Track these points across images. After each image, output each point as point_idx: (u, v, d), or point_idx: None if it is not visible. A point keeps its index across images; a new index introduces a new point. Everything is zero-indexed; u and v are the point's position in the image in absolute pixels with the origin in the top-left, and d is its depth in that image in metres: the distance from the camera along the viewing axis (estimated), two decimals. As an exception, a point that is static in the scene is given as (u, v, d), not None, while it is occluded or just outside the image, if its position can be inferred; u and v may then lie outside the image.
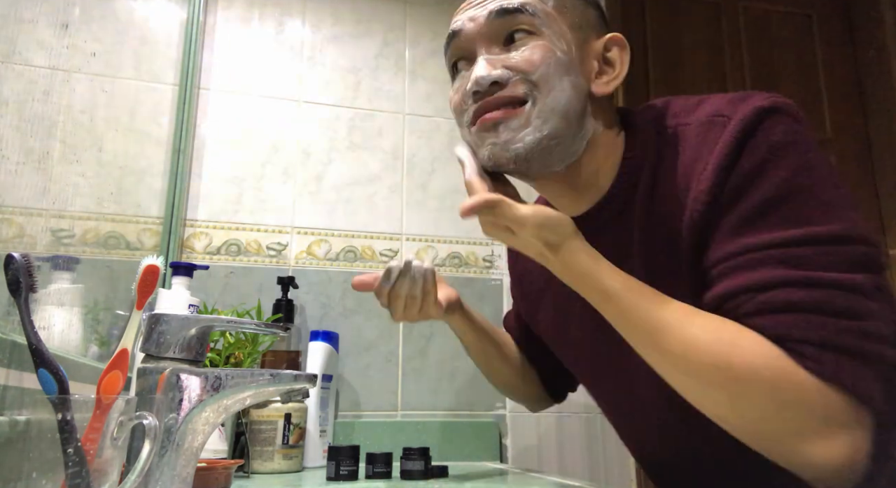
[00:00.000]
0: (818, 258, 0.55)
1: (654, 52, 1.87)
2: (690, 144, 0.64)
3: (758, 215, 0.57)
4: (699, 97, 0.70)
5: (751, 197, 0.58)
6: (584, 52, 0.68)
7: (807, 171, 0.58)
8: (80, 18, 0.89)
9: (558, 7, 0.68)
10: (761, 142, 0.59)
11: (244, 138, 1.42)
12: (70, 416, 0.45)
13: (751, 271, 0.56)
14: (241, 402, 0.56)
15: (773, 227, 0.57)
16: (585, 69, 0.68)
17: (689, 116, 0.67)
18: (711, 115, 0.64)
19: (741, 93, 0.65)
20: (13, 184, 0.66)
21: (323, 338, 1.22)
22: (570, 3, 0.69)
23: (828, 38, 2.02)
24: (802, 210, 0.57)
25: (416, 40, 1.57)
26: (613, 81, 0.69)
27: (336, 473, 0.89)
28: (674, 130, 0.67)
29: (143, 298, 0.59)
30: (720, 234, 0.59)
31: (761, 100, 0.61)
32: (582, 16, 0.69)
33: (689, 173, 0.63)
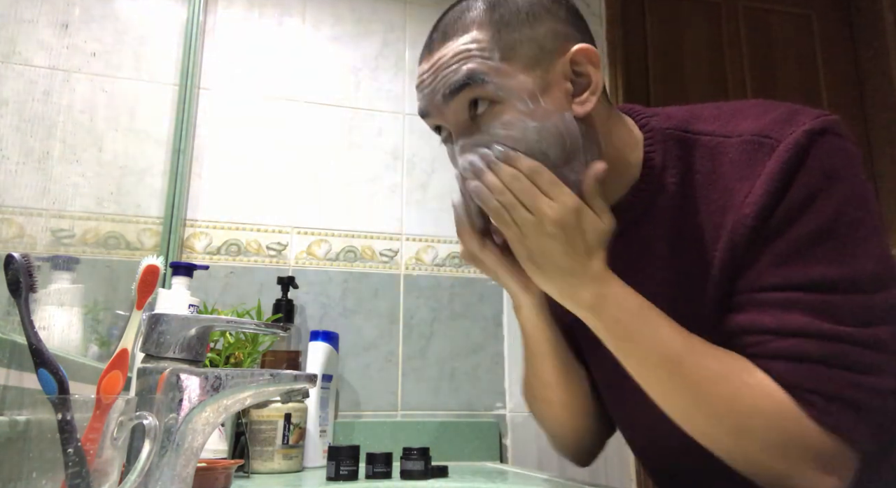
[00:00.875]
0: (847, 308, 0.56)
1: (654, 52, 1.87)
2: (732, 161, 0.63)
3: (804, 247, 0.58)
4: (731, 106, 0.68)
5: (800, 226, 0.58)
6: (551, 82, 0.64)
7: (856, 200, 0.58)
8: (80, 18, 0.89)
9: (507, 54, 0.63)
10: (814, 168, 0.58)
11: (244, 138, 1.42)
12: (70, 416, 0.45)
13: (780, 312, 0.57)
14: (241, 402, 0.56)
15: (814, 262, 0.57)
16: (558, 99, 0.63)
17: (727, 128, 0.65)
18: (757, 135, 0.62)
19: (786, 109, 0.63)
20: (13, 184, 0.66)
21: (323, 338, 1.22)
22: (518, 38, 0.63)
23: (828, 38, 2.02)
24: (845, 246, 0.57)
25: (416, 40, 1.57)
26: (591, 97, 0.65)
27: (336, 473, 0.89)
28: (709, 141, 0.65)
29: (143, 298, 0.59)
30: (764, 259, 0.59)
31: (810, 120, 0.60)
32: (535, 46, 0.63)
33: (730, 191, 0.62)
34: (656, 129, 0.69)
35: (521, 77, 0.63)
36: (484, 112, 0.63)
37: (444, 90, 0.64)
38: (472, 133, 0.64)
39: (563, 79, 0.64)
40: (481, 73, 0.62)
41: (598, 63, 0.65)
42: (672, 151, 0.67)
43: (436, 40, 0.66)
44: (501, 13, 0.64)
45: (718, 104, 0.70)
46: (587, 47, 0.64)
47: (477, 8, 0.65)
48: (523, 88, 0.62)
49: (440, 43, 0.65)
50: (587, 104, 0.64)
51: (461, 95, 0.63)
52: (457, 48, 0.63)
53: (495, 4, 0.65)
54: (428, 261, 1.45)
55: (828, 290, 0.56)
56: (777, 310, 0.57)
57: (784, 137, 0.60)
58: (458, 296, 1.43)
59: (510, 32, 0.63)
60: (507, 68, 0.62)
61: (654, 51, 1.88)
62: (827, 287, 0.56)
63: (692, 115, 0.69)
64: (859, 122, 1.97)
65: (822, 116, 0.60)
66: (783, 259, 0.58)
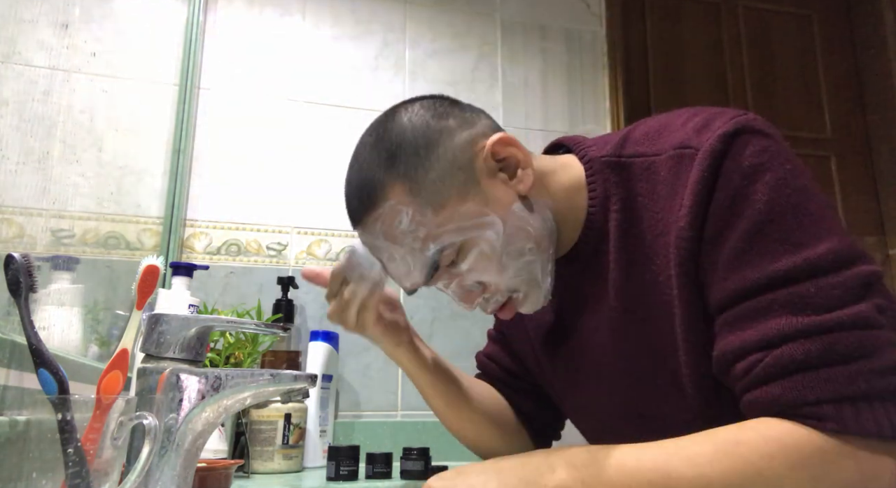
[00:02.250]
0: (821, 294, 0.54)
1: (654, 52, 1.87)
2: (662, 179, 0.63)
3: (750, 244, 0.56)
4: (659, 122, 0.67)
5: (737, 227, 0.56)
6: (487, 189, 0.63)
7: (786, 187, 0.57)
8: (80, 18, 0.89)
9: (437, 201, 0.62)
10: (732, 169, 0.57)
11: (244, 138, 1.42)
12: (70, 416, 0.45)
13: (757, 322, 0.55)
14: (241, 402, 0.56)
15: (767, 256, 0.55)
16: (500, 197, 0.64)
17: (655, 146, 0.65)
18: (679, 147, 0.62)
19: (704, 115, 0.63)
20: (13, 184, 0.67)
21: (323, 338, 1.22)
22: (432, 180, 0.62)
23: (828, 38, 2.02)
24: (793, 231, 0.55)
25: (416, 41, 1.57)
26: (527, 169, 0.65)
27: (336, 473, 0.89)
28: (641, 164, 0.65)
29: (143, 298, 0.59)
30: (717, 272, 0.57)
31: (724, 124, 0.59)
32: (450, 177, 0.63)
33: (666, 209, 0.62)
34: (594, 160, 0.68)
35: (460, 210, 0.62)
36: (458, 260, 0.64)
37: (416, 281, 0.65)
38: (455, 273, 0.65)
39: (492, 176, 0.64)
40: (441, 248, 0.63)
41: (513, 141, 0.65)
42: (611, 179, 0.67)
43: (357, 210, 0.66)
44: (405, 162, 0.63)
45: (648, 121, 0.69)
46: (494, 138, 0.64)
47: (379, 167, 0.64)
48: (469, 225, 0.63)
49: (365, 213, 0.65)
50: (526, 179, 0.65)
51: (438, 272, 0.65)
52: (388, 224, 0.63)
53: (394, 156, 0.63)
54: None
55: (792, 282, 0.54)
56: (752, 321, 0.55)
57: (702, 144, 0.59)
58: (458, 296, 1.43)
59: (424, 175, 0.62)
60: (444, 216, 0.62)
61: (654, 51, 1.88)
62: (790, 279, 0.54)
63: (623, 138, 0.68)
64: (859, 122, 1.97)
65: (735, 117, 0.59)
66: (734, 264, 0.56)
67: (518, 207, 0.64)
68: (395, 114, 0.67)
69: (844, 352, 0.52)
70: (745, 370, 0.55)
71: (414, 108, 0.66)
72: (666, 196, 0.62)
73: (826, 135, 1.94)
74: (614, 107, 1.63)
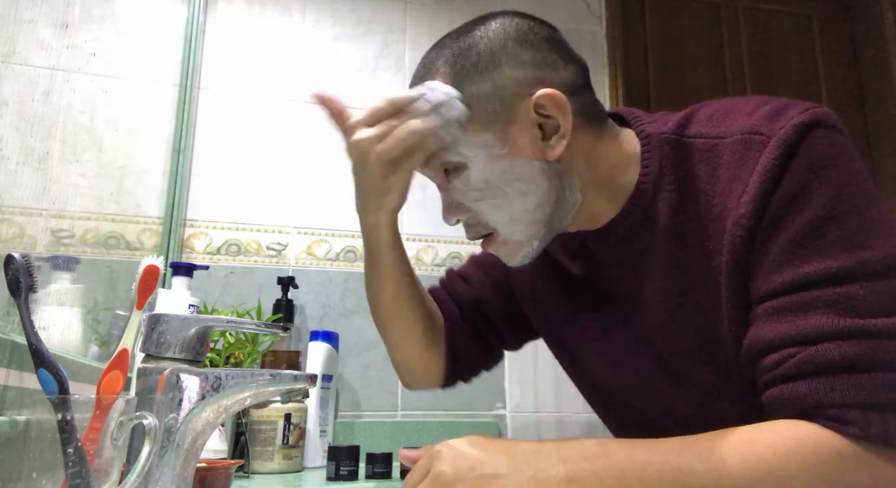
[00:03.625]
0: (869, 298, 0.53)
1: (654, 52, 1.87)
2: (726, 162, 0.61)
3: (806, 239, 0.55)
4: (725, 105, 0.66)
5: (797, 220, 0.55)
6: (515, 133, 0.62)
7: (852, 187, 0.56)
8: (80, 18, 0.89)
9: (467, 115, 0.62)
10: (802, 161, 0.56)
11: (244, 138, 1.42)
12: (70, 416, 0.45)
13: (797, 316, 0.54)
14: (241, 402, 0.56)
15: (822, 254, 0.54)
16: (524, 147, 0.63)
17: (719, 129, 0.64)
18: (748, 133, 0.61)
19: (776, 104, 0.62)
20: (13, 184, 0.67)
21: (323, 338, 1.22)
22: (476, 93, 0.62)
23: (828, 38, 2.02)
24: (852, 231, 0.54)
25: (416, 41, 1.57)
26: (561, 140, 0.63)
27: (336, 473, 0.89)
28: (703, 146, 0.64)
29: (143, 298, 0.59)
30: (767, 263, 0.56)
31: (799, 114, 0.58)
32: (494, 99, 0.62)
33: (727, 193, 0.60)
34: (653, 135, 0.67)
35: (480, 134, 0.62)
36: (452, 174, 0.65)
37: None
38: (448, 188, 0.67)
39: (530, 125, 0.63)
40: (445, 144, 0.63)
41: (563, 107, 0.62)
42: (668, 157, 0.66)
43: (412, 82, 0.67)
44: (462, 65, 0.63)
45: (713, 103, 0.68)
46: (549, 92, 0.62)
47: (443, 56, 0.65)
48: (482, 146, 0.62)
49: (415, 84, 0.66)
50: (557, 148, 0.63)
51: (430, 164, 0.66)
52: None
53: (458, 54, 0.64)
54: (428, 261, 1.45)
55: (842, 282, 0.53)
56: (793, 314, 0.54)
57: (774, 132, 0.58)
58: (458, 296, 1.43)
59: (468, 85, 0.62)
60: (466, 127, 0.62)
61: (654, 51, 1.88)
62: (840, 278, 0.53)
63: (687, 117, 0.67)
64: (859, 122, 1.97)
65: (811, 109, 0.59)
66: (787, 257, 0.55)
67: (537, 165, 0.64)
68: (490, 19, 0.66)
69: (882, 361, 0.51)
70: (774, 363, 0.55)
71: (507, 23, 0.65)
72: (727, 179, 0.61)
73: (826, 135, 1.94)
74: (614, 106, 1.63)
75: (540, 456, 0.56)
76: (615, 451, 0.55)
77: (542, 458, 0.55)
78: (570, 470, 0.54)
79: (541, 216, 0.65)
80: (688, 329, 0.64)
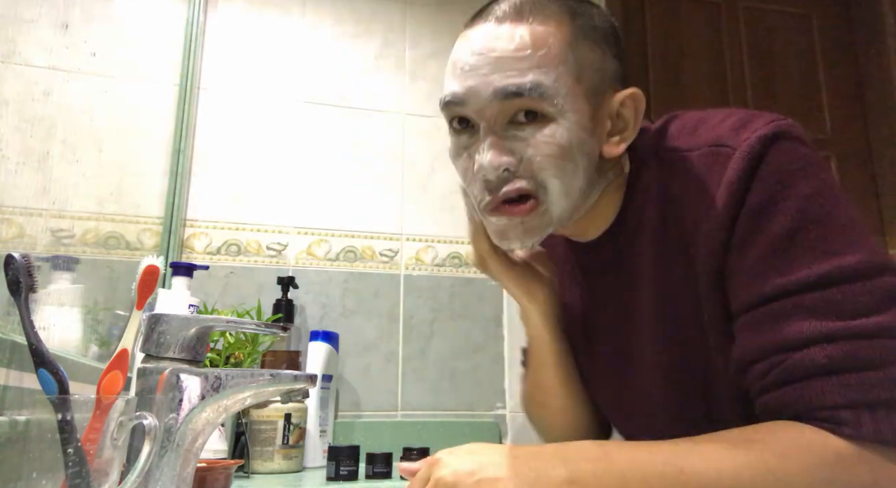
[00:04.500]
0: (847, 301, 0.53)
1: (654, 52, 1.87)
2: (694, 176, 0.62)
3: (779, 251, 0.56)
4: (697, 116, 0.66)
5: (768, 232, 0.56)
6: (599, 117, 0.62)
7: (820, 197, 0.56)
8: (80, 18, 0.89)
9: (576, 74, 0.60)
10: (768, 173, 0.57)
11: (244, 138, 1.42)
12: (70, 416, 0.45)
13: (779, 324, 0.55)
14: (241, 402, 0.56)
15: (796, 263, 0.55)
16: (597, 134, 0.62)
17: (689, 142, 0.64)
18: (714, 145, 0.61)
19: (741, 115, 0.62)
20: (13, 184, 0.66)
21: (323, 338, 1.22)
22: (589, 61, 0.61)
23: (828, 38, 2.02)
24: (823, 240, 0.55)
25: (416, 40, 1.57)
26: (624, 142, 0.64)
27: (336, 473, 0.89)
28: (676, 159, 0.65)
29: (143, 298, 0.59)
30: (744, 277, 0.57)
31: (763, 126, 0.58)
32: (600, 74, 0.62)
33: (696, 208, 0.61)
34: (635, 150, 0.68)
35: (579, 99, 0.60)
36: (531, 120, 0.60)
37: (500, 89, 0.59)
38: (511, 135, 0.61)
39: (608, 117, 0.64)
40: (546, 87, 0.59)
41: (640, 112, 0.64)
42: (649, 171, 0.66)
43: (507, 12, 0.60)
44: (582, 23, 0.61)
45: (683, 115, 0.68)
46: (638, 93, 0.64)
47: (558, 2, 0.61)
48: (577, 112, 0.60)
49: (513, 17, 0.60)
50: (618, 148, 0.64)
51: (517, 101, 0.59)
52: (529, 38, 0.59)
53: (577, 11, 0.62)
54: (428, 261, 1.45)
55: (819, 288, 0.54)
56: (775, 323, 0.55)
57: (739, 144, 0.58)
58: (458, 296, 1.43)
59: (585, 48, 0.61)
60: (571, 86, 0.60)
61: (654, 50, 1.88)
62: (817, 285, 0.54)
63: (661, 131, 0.68)
64: (859, 123, 1.97)
65: (775, 121, 0.59)
66: (762, 270, 0.56)
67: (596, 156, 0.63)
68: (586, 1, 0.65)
69: (866, 359, 0.52)
70: (762, 372, 0.55)
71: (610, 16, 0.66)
72: (697, 192, 0.61)
73: (826, 135, 1.94)
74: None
75: (540, 458, 0.56)
76: (616, 453, 0.55)
77: (543, 461, 0.55)
78: (570, 472, 0.54)
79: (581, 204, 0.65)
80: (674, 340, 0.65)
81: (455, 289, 1.44)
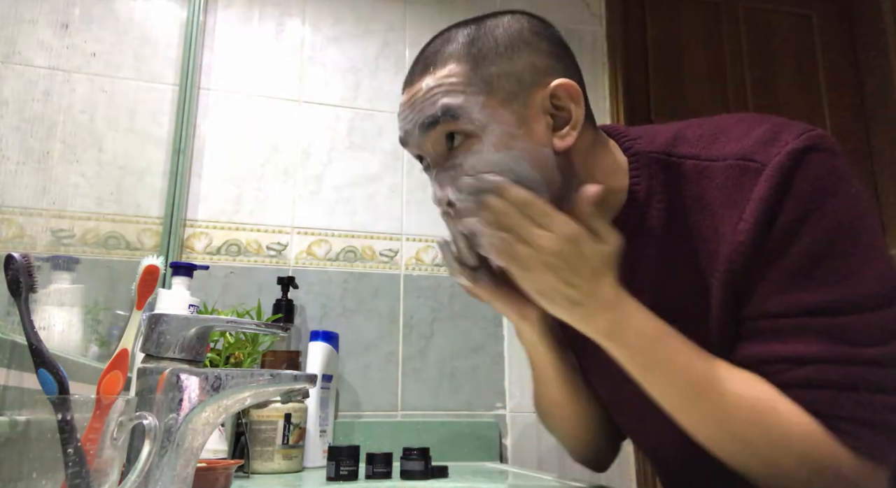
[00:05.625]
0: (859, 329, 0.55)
1: (654, 52, 1.87)
2: (718, 186, 0.62)
3: (803, 271, 0.57)
4: (714, 125, 0.66)
5: (797, 248, 0.57)
6: (529, 116, 0.63)
7: (849, 214, 0.57)
8: (80, 18, 0.89)
9: (483, 88, 0.62)
10: (802, 189, 0.57)
11: (244, 138, 1.42)
12: (70, 416, 0.45)
13: (794, 339, 0.57)
14: (241, 402, 0.56)
15: (819, 284, 0.56)
16: (537, 133, 0.63)
17: (710, 151, 0.64)
18: (742, 159, 0.61)
19: (769, 127, 0.61)
20: (13, 184, 0.66)
21: (323, 338, 1.22)
22: (496, 72, 0.62)
23: (828, 39, 2.02)
24: (847, 264, 0.57)
25: (416, 40, 1.57)
26: (572, 131, 0.63)
27: (336, 473, 0.89)
28: (691, 167, 0.64)
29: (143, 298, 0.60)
30: (766, 285, 0.58)
31: (794, 139, 0.58)
32: (513, 79, 0.63)
33: (720, 218, 0.61)
34: (641, 154, 0.67)
35: (497, 111, 0.62)
36: (459, 145, 0.63)
37: (420, 122, 0.64)
38: (448, 165, 0.64)
39: (543, 113, 0.63)
40: (456, 108, 0.62)
41: (578, 98, 0.63)
42: (657, 176, 0.66)
43: (416, 72, 0.66)
44: (479, 47, 0.64)
45: (702, 121, 0.68)
46: (566, 82, 0.63)
47: (456, 41, 0.65)
48: (499, 122, 0.62)
49: (420, 75, 0.65)
50: (567, 139, 0.63)
51: (437, 129, 0.63)
52: (434, 81, 0.63)
53: (474, 38, 0.64)
54: (428, 261, 1.45)
55: (835, 313, 0.56)
56: (789, 337, 0.57)
57: (769, 159, 0.58)
58: (458, 296, 1.43)
59: (487, 66, 0.63)
60: (483, 102, 0.62)
61: (654, 51, 1.88)
62: (834, 310, 0.56)
63: (676, 136, 0.67)
64: (859, 123, 1.97)
65: (805, 133, 0.59)
66: (785, 285, 0.57)
67: (547, 152, 0.63)
68: (500, 14, 0.67)
69: (873, 386, 0.55)
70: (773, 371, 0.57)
71: (520, 17, 0.67)
72: (720, 204, 0.61)
73: (826, 135, 1.94)
74: (614, 107, 1.63)
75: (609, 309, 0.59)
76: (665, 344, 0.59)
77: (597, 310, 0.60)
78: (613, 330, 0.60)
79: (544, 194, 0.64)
80: None
81: (455, 288, 1.44)
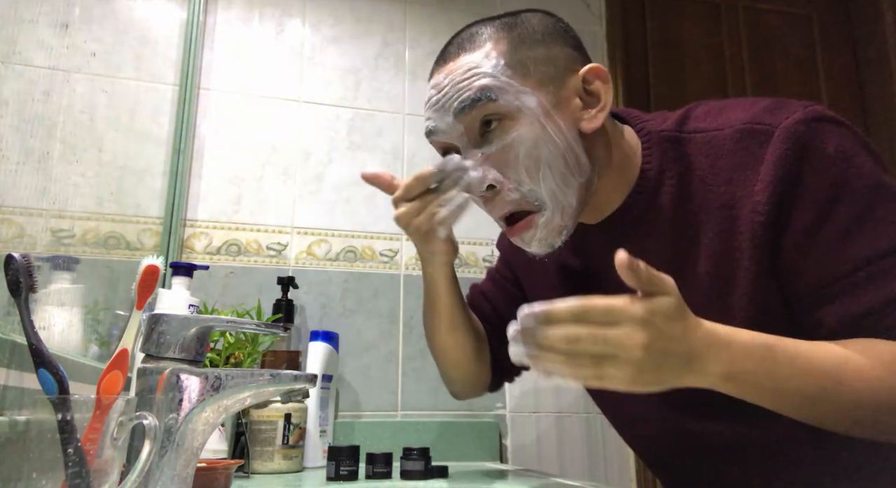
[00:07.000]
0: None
1: (654, 52, 1.87)
2: (727, 152, 0.63)
3: (857, 224, 0.58)
4: (720, 102, 0.69)
5: (842, 209, 0.58)
6: (563, 98, 0.65)
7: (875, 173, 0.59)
8: (80, 18, 0.89)
9: (520, 70, 0.64)
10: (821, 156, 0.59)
11: (244, 138, 1.42)
12: (70, 416, 0.45)
13: (877, 285, 0.57)
14: (241, 402, 0.56)
15: (879, 232, 0.57)
16: (568, 114, 0.65)
17: (717, 122, 0.66)
18: (748, 123, 0.63)
19: (774, 100, 0.64)
20: (13, 184, 0.66)
21: (323, 338, 1.22)
22: (533, 56, 0.65)
23: (828, 38, 2.02)
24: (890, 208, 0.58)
25: (416, 41, 1.57)
26: (600, 114, 0.66)
27: (336, 473, 0.89)
28: (703, 137, 0.66)
29: (143, 298, 0.59)
30: (820, 252, 0.59)
31: (803, 108, 0.61)
32: (550, 64, 0.65)
33: (733, 182, 0.62)
34: (653, 133, 0.70)
35: (533, 93, 0.64)
36: (495, 128, 0.64)
37: (456, 106, 0.65)
38: (486, 148, 0.66)
39: (574, 95, 0.66)
40: (495, 89, 0.63)
41: (608, 81, 0.67)
42: (668, 153, 0.68)
43: (450, 53, 0.67)
44: (518, 32, 0.66)
45: (708, 102, 0.71)
46: (599, 66, 0.67)
47: (494, 25, 0.67)
48: (535, 105, 0.64)
49: (455, 55, 0.66)
50: (595, 120, 0.66)
51: (474, 112, 0.64)
52: (470, 63, 0.64)
53: (512, 24, 0.66)
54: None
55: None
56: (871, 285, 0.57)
57: (778, 122, 0.60)
58: (458, 296, 1.43)
59: (525, 50, 0.65)
60: (519, 85, 0.64)
61: (654, 50, 1.88)
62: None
63: (684, 115, 0.70)
64: (859, 123, 1.97)
65: (810, 105, 0.61)
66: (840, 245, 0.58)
67: (575, 134, 0.65)
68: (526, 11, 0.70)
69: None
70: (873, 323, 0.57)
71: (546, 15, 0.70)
72: (731, 168, 0.63)
73: (826, 135, 1.94)
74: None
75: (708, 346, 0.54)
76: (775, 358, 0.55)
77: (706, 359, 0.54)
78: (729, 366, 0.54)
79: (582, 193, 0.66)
80: None
81: (455, 289, 1.44)
